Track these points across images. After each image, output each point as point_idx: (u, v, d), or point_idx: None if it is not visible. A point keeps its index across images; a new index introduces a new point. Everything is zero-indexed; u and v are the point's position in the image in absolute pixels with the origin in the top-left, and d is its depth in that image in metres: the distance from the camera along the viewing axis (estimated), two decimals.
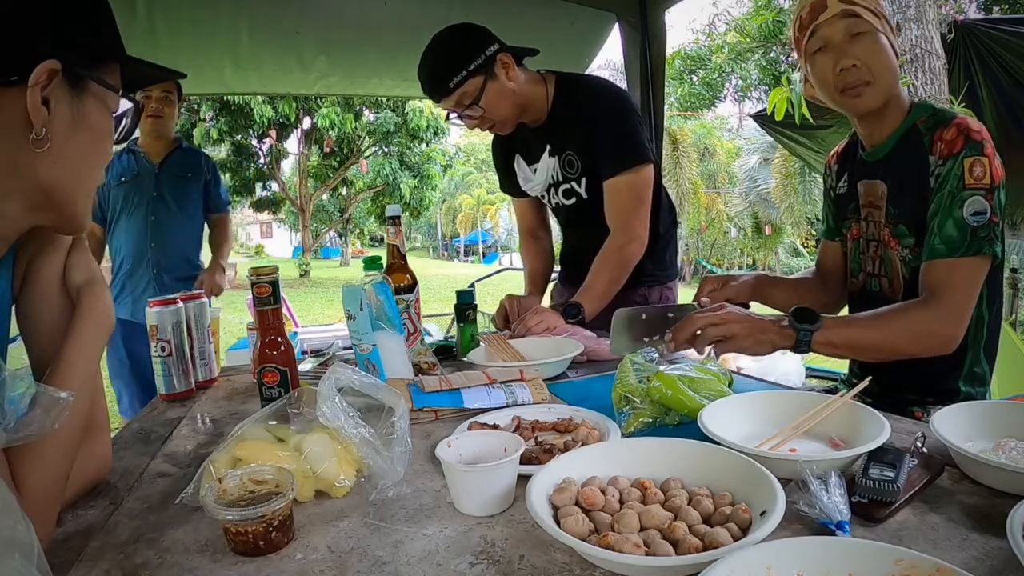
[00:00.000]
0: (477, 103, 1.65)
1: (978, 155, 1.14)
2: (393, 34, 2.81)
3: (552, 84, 1.78)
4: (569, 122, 1.76)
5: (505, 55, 1.66)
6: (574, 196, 1.87)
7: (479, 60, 1.62)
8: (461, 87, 1.63)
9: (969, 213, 1.13)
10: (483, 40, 1.65)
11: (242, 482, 0.79)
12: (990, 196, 1.14)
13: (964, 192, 1.14)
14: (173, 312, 1.40)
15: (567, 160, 1.81)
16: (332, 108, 16.09)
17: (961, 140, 1.15)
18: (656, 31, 2.86)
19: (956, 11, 6.57)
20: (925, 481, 0.81)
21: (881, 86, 1.20)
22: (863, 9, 1.18)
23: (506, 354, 1.59)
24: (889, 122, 1.27)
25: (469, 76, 1.62)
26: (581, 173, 1.82)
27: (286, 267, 17.17)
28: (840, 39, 1.19)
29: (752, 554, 0.60)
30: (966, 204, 1.13)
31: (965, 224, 1.13)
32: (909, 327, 1.16)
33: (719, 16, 14.06)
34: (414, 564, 0.71)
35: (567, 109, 1.76)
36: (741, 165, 19.14)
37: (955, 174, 1.15)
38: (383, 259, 1.41)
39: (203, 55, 2.71)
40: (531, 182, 1.91)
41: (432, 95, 1.70)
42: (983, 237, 1.13)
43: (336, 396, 0.88)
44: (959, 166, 1.14)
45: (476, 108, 1.66)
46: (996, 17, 8.77)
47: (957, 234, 1.14)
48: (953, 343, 1.17)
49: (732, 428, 0.95)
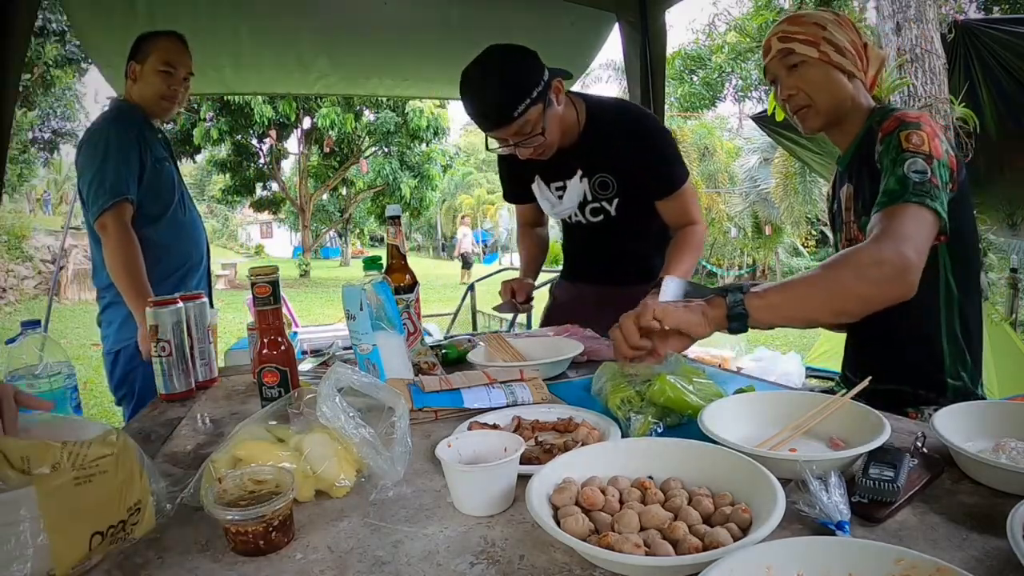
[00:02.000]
0: (539, 132, 1.61)
1: (914, 129, 1.19)
2: (393, 34, 2.82)
3: (582, 107, 1.78)
4: (602, 146, 1.77)
5: (558, 80, 1.63)
6: (602, 214, 1.90)
7: (540, 87, 1.57)
8: (524, 116, 1.57)
9: (910, 170, 1.15)
10: (539, 65, 1.60)
11: (242, 482, 0.79)
12: (929, 161, 1.16)
13: (903, 154, 1.17)
14: (173, 312, 1.40)
15: (599, 182, 1.83)
16: (332, 108, 16.08)
17: (896, 121, 1.23)
18: (656, 31, 2.86)
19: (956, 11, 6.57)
20: (925, 481, 0.82)
21: (820, 107, 1.34)
22: (798, 43, 1.33)
23: (506, 354, 1.59)
24: (849, 129, 1.38)
25: (532, 104, 1.57)
26: (615, 195, 1.84)
27: (286, 267, 17.17)
28: (782, 73, 1.37)
29: (752, 554, 0.60)
30: (906, 163, 1.16)
31: (906, 177, 1.15)
32: (853, 263, 1.09)
33: (719, 16, 14.05)
34: (414, 564, 0.71)
35: (599, 132, 1.77)
36: (741, 165, 19.12)
37: (892, 144, 1.20)
38: (383, 259, 1.41)
39: (203, 55, 2.69)
40: (558, 205, 1.89)
41: (492, 125, 1.61)
42: (925, 191, 1.13)
43: (336, 396, 0.88)
44: (895, 138, 1.20)
45: (537, 137, 1.61)
46: (996, 17, 8.78)
47: (898, 187, 1.15)
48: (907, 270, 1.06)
49: (732, 428, 0.95)
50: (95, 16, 2.43)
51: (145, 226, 2.03)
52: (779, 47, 1.36)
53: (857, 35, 1.35)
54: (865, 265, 1.07)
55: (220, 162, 18.06)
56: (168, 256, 2.10)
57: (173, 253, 2.12)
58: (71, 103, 16.47)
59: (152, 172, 2.05)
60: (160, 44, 2.07)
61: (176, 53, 2.09)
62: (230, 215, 38.54)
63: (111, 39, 2.23)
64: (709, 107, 17.94)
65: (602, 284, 2.00)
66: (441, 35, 2.86)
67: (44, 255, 13.10)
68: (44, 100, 15.54)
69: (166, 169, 2.12)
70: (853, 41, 1.34)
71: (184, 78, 2.13)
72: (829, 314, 1.19)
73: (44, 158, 17.24)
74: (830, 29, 1.32)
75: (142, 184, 2.02)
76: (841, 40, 1.32)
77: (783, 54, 1.35)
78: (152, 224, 2.05)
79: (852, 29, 1.35)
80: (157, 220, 2.07)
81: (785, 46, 1.35)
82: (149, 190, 2.04)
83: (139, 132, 2.03)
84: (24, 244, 12.90)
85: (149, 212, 2.05)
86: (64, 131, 16.39)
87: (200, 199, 32.68)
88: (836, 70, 1.32)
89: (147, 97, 2.08)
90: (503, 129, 1.60)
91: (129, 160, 1.97)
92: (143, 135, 2.04)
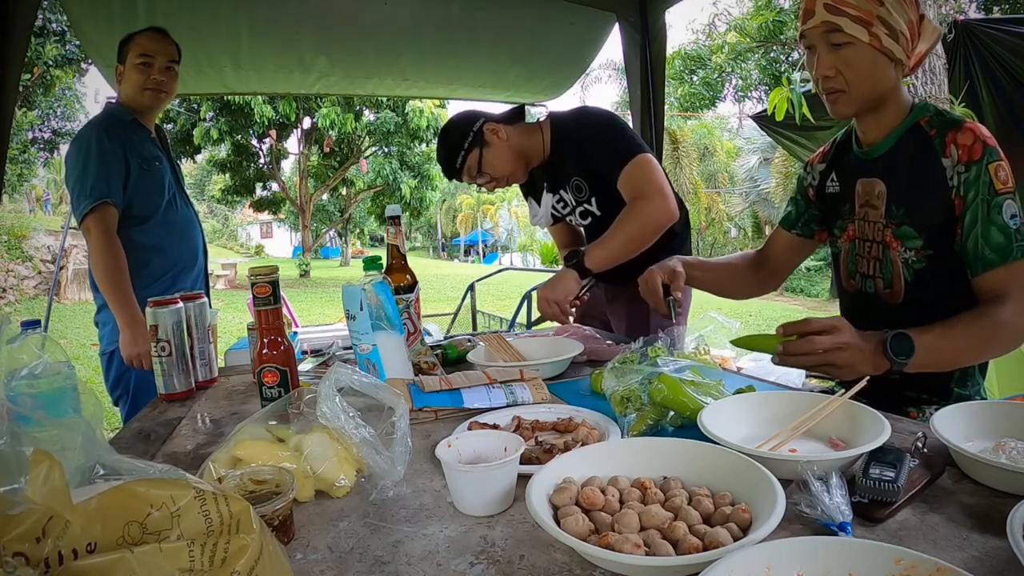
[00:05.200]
0: (481, 171, 1.89)
1: (999, 160, 1.16)
2: (393, 34, 2.81)
3: (548, 127, 1.94)
4: (566, 155, 1.93)
5: (490, 124, 1.88)
6: (590, 216, 2.00)
7: (469, 137, 1.87)
8: (466, 163, 1.88)
9: (1008, 216, 1.14)
10: (468, 120, 1.89)
11: (242, 482, 0.79)
12: (1016, 198, 1.15)
13: (997, 198, 1.15)
14: (173, 312, 1.40)
15: (575, 186, 1.97)
16: (332, 108, 16.09)
17: (980, 146, 1.16)
18: (656, 31, 2.86)
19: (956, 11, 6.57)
20: (925, 481, 0.82)
21: (855, 95, 1.22)
22: (848, 20, 1.17)
23: (506, 354, 1.59)
24: (887, 121, 1.27)
25: (467, 153, 1.87)
26: (591, 193, 1.96)
27: (286, 267, 17.17)
28: (822, 47, 1.21)
29: (752, 554, 0.60)
30: (1003, 208, 1.15)
31: (1008, 228, 1.14)
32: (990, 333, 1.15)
33: (719, 16, 14.02)
34: (414, 564, 0.71)
35: (561, 145, 1.93)
36: (741, 165, 19.13)
37: (984, 181, 1.15)
38: (383, 259, 1.41)
39: (203, 55, 2.70)
40: (535, 217, 2.14)
41: (449, 177, 1.96)
42: None
43: (336, 396, 0.88)
44: (986, 172, 1.15)
45: (483, 175, 1.90)
46: (996, 17, 8.78)
47: (1004, 240, 1.14)
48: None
49: (732, 428, 0.95)
50: (95, 16, 2.43)
51: (133, 227, 2.04)
52: (825, 18, 1.18)
53: (916, 8, 1.20)
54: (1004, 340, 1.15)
55: (220, 162, 18.08)
56: (159, 257, 2.11)
57: (164, 253, 2.12)
58: (71, 103, 16.45)
59: (139, 174, 2.04)
60: (136, 40, 2.07)
61: (152, 43, 2.08)
62: (230, 215, 38.56)
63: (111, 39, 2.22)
64: (709, 107, 17.91)
65: (607, 282, 2.02)
66: (441, 35, 2.85)
67: (44, 255, 13.10)
68: (44, 100, 15.53)
69: (156, 169, 2.10)
70: (910, 20, 1.19)
71: (167, 67, 2.10)
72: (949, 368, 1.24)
73: (44, 158, 17.21)
74: (888, 6, 1.16)
75: (128, 187, 2.02)
76: (898, 20, 1.17)
77: (828, 28, 1.18)
78: (140, 225, 2.06)
79: (913, 4, 1.19)
80: (146, 221, 2.07)
81: (833, 19, 1.17)
82: (136, 192, 2.04)
83: (124, 135, 2.03)
84: (24, 244, 12.91)
85: (137, 214, 2.05)
86: (64, 131, 16.37)
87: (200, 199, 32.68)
88: (884, 56, 1.18)
89: (133, 95, 2.08)
90: (458, 178, 1.93)
91: (111, 164, 1.98)
92: (129, 138, 2.04)
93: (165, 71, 2.10)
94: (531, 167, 1.98)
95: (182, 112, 16.28)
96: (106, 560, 0.48)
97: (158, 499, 0.52)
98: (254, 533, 0.53)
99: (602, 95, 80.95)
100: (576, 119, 1.93)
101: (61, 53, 13.58)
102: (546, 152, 1.95)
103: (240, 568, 0.50)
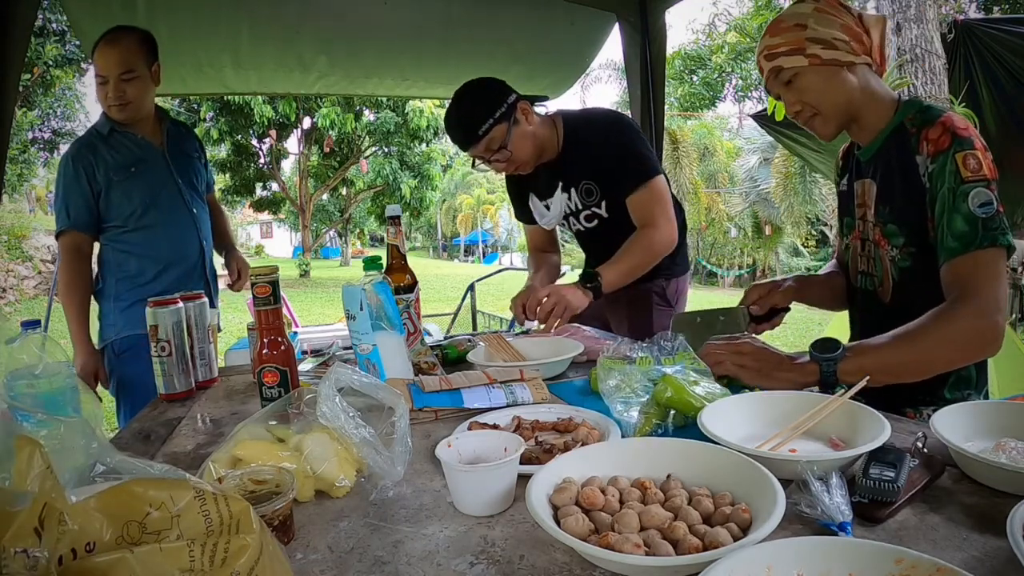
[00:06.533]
0: (505, 147, 1.79)
1: (969, 149, 1.14)
2: (393, 34, 2.81)
3: (560, 124, 1.91)
4: (580, 157, 1.90)
5: (524, 102, 1.81)
6: (596, 219, 2.00)
7: (503, 108, 1.76)
8: (489, 134, 1.77)
9: (976, 205, 1.11)
10: (504, 90, 1.81)
11: (242, 482, 0.79)
12: (991, 187, 1.13)
13: (964, 185, 1.12)
14: (173, 312, 1.40)
15: (585, 189, 1.95)
16: (332, 108, 16.08)
17: (948, 137, 1.15)
18: (656, 31, 2.86)
19: (956, 11, 6.57)
20: (925, 481, 0.81)
21: (828, 113, 1.28)
22: (783, 56, 1.25)
23: (506, 354, 1.59)
24: (872, 122, 1.29)
25: (496, 123, 1.76)
26: (600, 198, 1.95)
27: (286, 267, 17.15)
28: (780, 90, 1.30)
29: (752, 554, 0.60)
30: (970, 197, 1.12)
31: (974, 217, 1.11)
32: (947, 335, 1.10)
33: (719, 16, 14.05)
34: (414, 564, 0.71)
35: (576, 145, 1.89)
36: (741, 165, 19.13)
37: (950, 170, 1.14)
38: (383, 259, 1.41)
39: (203, 55, 2.70)
40: (546, 217, 2.07)
41: (463, 143, 1.83)
42: (995, 228, 1.11)
43: (336, 396, 0.88)
44: (952, 161, 1.14)
45: (504, 152, 1.80)
46: (996, 17, 8.79)
47: (968, 228, 1.12)
48: (997, 339, 1.10)
49: (732, 428, 0.95)
50: (95, 16, 2.43)
51: (112, 233, 2.12)
52: (768, 67, 1.29)
53: (845, 12, 1.24)
54: (959, 337, 1.11)
55: (220, 162, 18.04)
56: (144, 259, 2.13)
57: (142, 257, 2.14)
58: (71, 103, 16.46)
59: (109, 187, 2.08)
60: (94, 56, 2.04)
61: (103, 58, 2.01)
62: (230, 215, 38.53)
63: None
64: (709, 107, 17.93)
65: None
66: (441, 35, 2.85)
67: (44, 255, 13.10)
68: (44, 100, 15.53)
69: (134, 175, 2.10)
70: (843, 24, 1.23)
71: (122, 80, 2.01)
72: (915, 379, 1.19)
73: (44, 158, 17.22)
74: (811, 25, 1.22)
75: (100, 203, 2.09)
76: (827, 32, 1.22)
77: (774, 73, 1.28)
78: (118, 230, 2.12)
79: (838, 9, 1.24)
80: (122, 228, 2.12)
81: (772, 64, 1.27)
82: (110, 206, 2.09)
83: (93, 154, 2.06)
84: (24, 244, 12.91)
85: (114, 222, 2.11)
86: (64, 131, 16.38)
87: None
88: (832, 68, 1.23)
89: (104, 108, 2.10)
90: (474, 146, 1.80)
91: (73, 192, 2.05)
92: (99, 155, 2.06)
93: (122, 83, 2.02)
94: (541, 161, 1.93)
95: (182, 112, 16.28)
96: (106, 560, 0.48)
97: (158, 499, 0.52)
98: (254, 533, 0.52)
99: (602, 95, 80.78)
100: (592, 122, 1.90)
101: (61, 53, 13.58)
102: (558, 149, 1.91)
103: (240, 568, 0.50)
